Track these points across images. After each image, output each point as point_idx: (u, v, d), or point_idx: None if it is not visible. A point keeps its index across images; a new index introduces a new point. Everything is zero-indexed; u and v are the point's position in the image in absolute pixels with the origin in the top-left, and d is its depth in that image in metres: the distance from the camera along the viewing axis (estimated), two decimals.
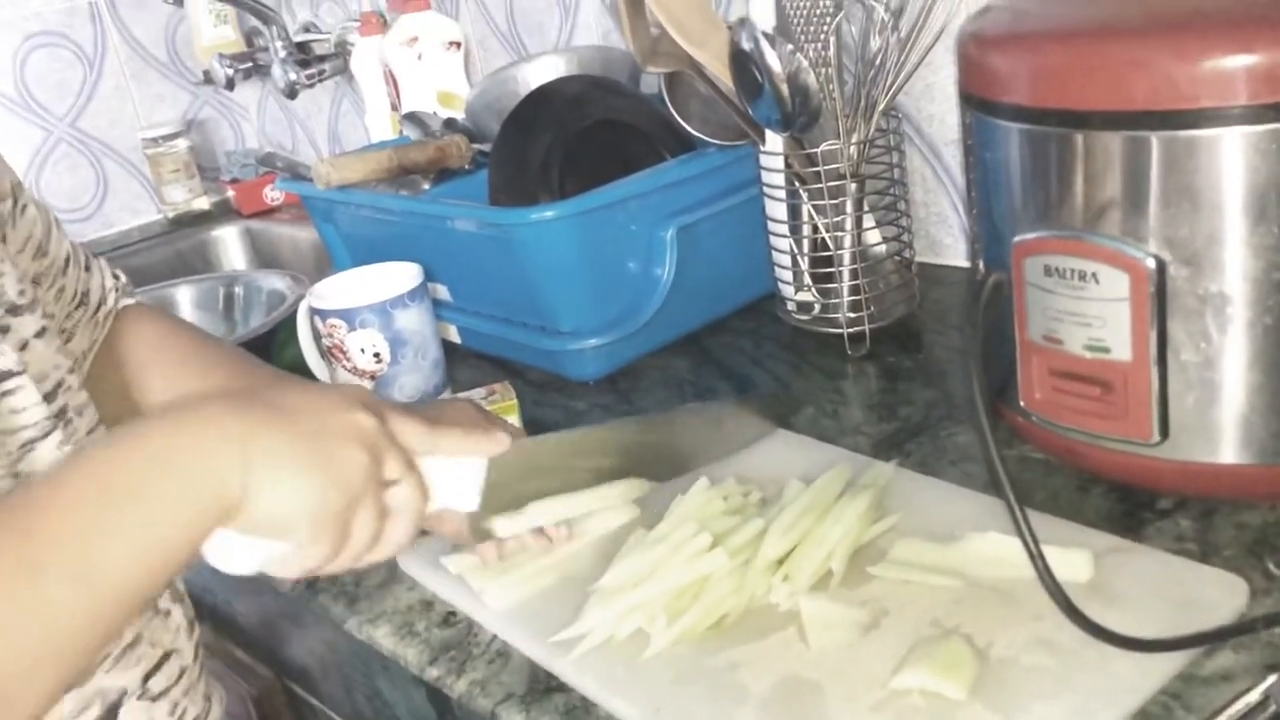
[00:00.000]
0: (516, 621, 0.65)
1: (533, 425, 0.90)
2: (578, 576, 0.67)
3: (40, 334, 0.59)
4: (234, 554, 0.52)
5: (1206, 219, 0.58)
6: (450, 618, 0.68)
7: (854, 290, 0.91)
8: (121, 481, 0.47)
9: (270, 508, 0.50)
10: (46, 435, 0.57)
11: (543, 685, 0.61)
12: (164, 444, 0.49)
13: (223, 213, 1.84)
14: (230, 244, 1.80)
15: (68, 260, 0.70)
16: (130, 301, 0.75)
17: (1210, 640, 0.54)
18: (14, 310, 0.57)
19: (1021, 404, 0.68)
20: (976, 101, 0.66)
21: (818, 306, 0.94)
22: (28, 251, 0.66)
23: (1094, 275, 0.61)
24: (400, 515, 0.55)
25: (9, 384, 0.55)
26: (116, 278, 0.75)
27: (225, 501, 0.49)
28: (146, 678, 0.61)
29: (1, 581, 0.43)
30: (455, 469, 0.59)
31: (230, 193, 1.82)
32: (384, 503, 0.54)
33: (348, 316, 0.91)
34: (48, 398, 0.57)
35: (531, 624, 0.64)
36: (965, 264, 1.06)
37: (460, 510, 0.61)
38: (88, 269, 0.71)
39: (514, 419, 0.87)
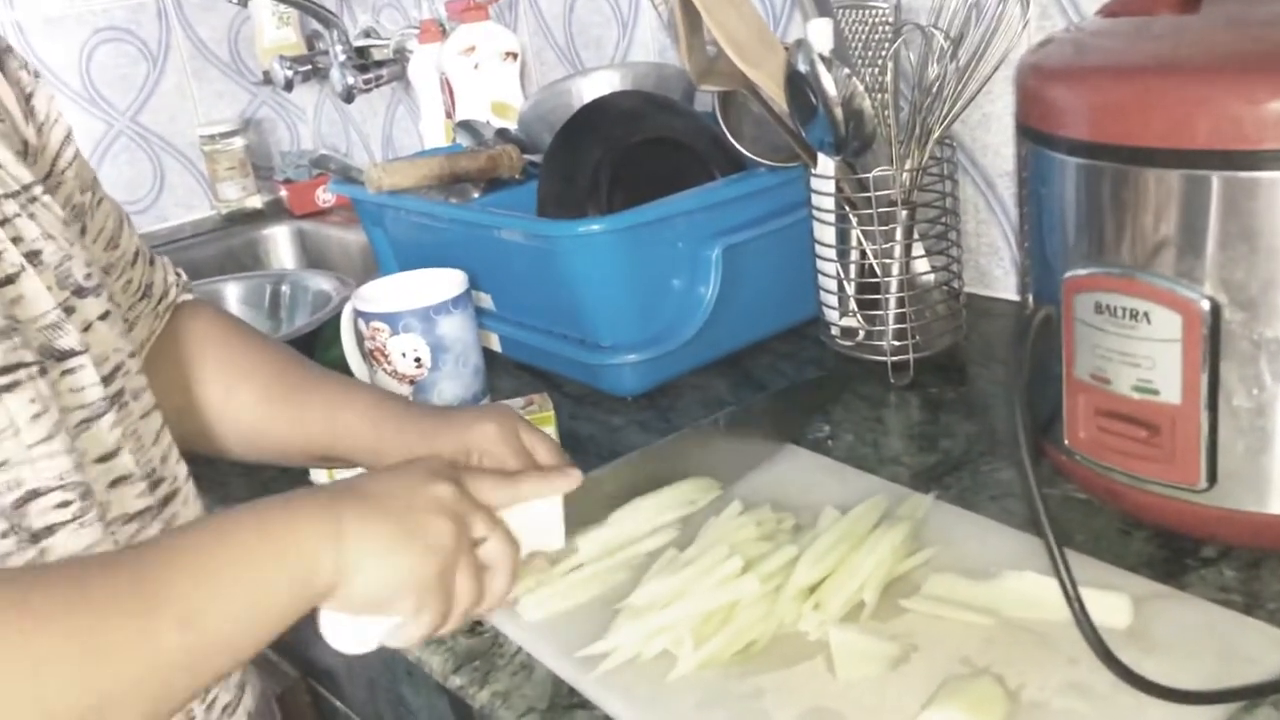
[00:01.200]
0: (543, 635, 0.65)
1: (569, 439, 0.90)
2: (612, 593, 0.66)
3: (104, 317, 0.60)
4: (348, 634, 0.55)
5: (1265, 262, 0.56)
6: (477, 627, 0.68)
7: (900, 319, 0.90)
8: (228, 546, 0.50)
9: (367, 587, 0.53)
10: (101, 415, 0.58)
11: (565, 701, 0.61)
12: (266, 520, 0.52)
13: (275, 212, 1.87)
14: (281, 243, 1.82)
15: (136, 254, 0.72)
16: (189, 297, 0.77)
17: (1251, 695, 0.53)
18: (79, 292, 0.59)
19: (1066, 442, 0.67)
20: (1034, 134, 0.65)
21: (862, 333, 0.93)
22: (100, 242, 0.68)
23: (1146, 315, 0.59)
24: (496, 568, 0.58)
25: (71, 363, 0.57)
26: (178, 274, 0.77)
27: (319, 582, 0.52)
28: None
29: (117, 611, 0.46)
30: (535, 513, 0.62)
31: (283, 192, 1.84)
32: (479, 560, 0.57)
33: (391, 320, 0.91)
34: (106, 380, 0.59)
35: (558, 638, 0.64)
36: (1015, 297, 1.05)
37: (549, 549, 0.64)
38: (152, 263, 0.74)
39: (550, 430, 0.87)
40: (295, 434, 0.73)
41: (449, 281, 0.94)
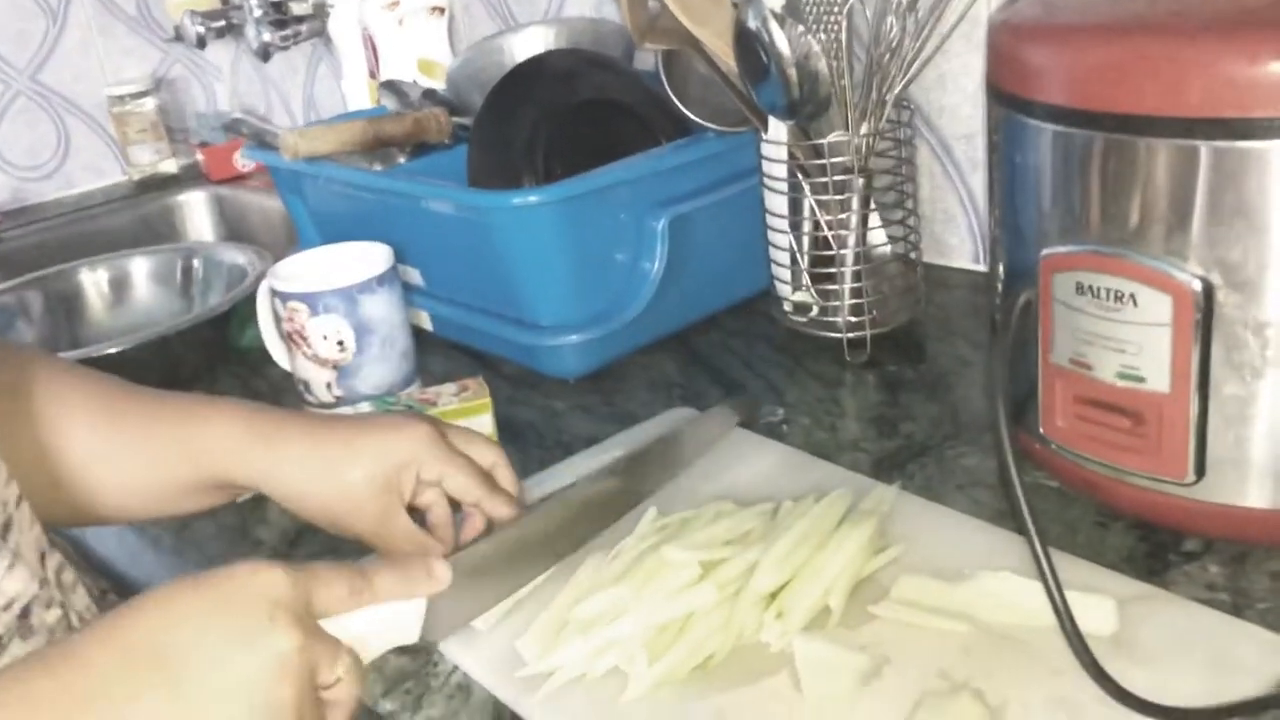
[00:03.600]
0: (481, 652, 0.59)
1: (507, 425, 0.84)
2: (555, 602, 0.61)
3: None
4: None
5: (1261, 240, 0.52)
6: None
7: (855, 293, 0.85)
8: None
9: None
10: None
11: None
12: None
13: (191, 177, 1.76)
14: (197, 210, 1.73)
15: None
16: None
17: (1250, 711, 0.49)
18: None
19: (1041, 431, 0.62)
20: (1007, 98, 0.60)
21: (816, 308, 0.88)
22: None
23: (1132, 296, 0.55)
24: (337, 706, 0.47)
25: None
26: None
27: None
28: None
29: None
30: (393, 611, 0.51)
31: (199, 156, 1.74)
32: (319, 699, 0.46)
33: (310, 300, 0.84)
34: None
35: (497, 656, 0.58)
36: (972, 266, 1.01)
37: (399, 644, 0.53)
38: None
39: (487, 418, 0.81)
40: (146, 469, 0.61)
41: (373, 257, 0.87)
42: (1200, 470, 0.56)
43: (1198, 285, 0.53)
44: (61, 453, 0.61)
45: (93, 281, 1.12)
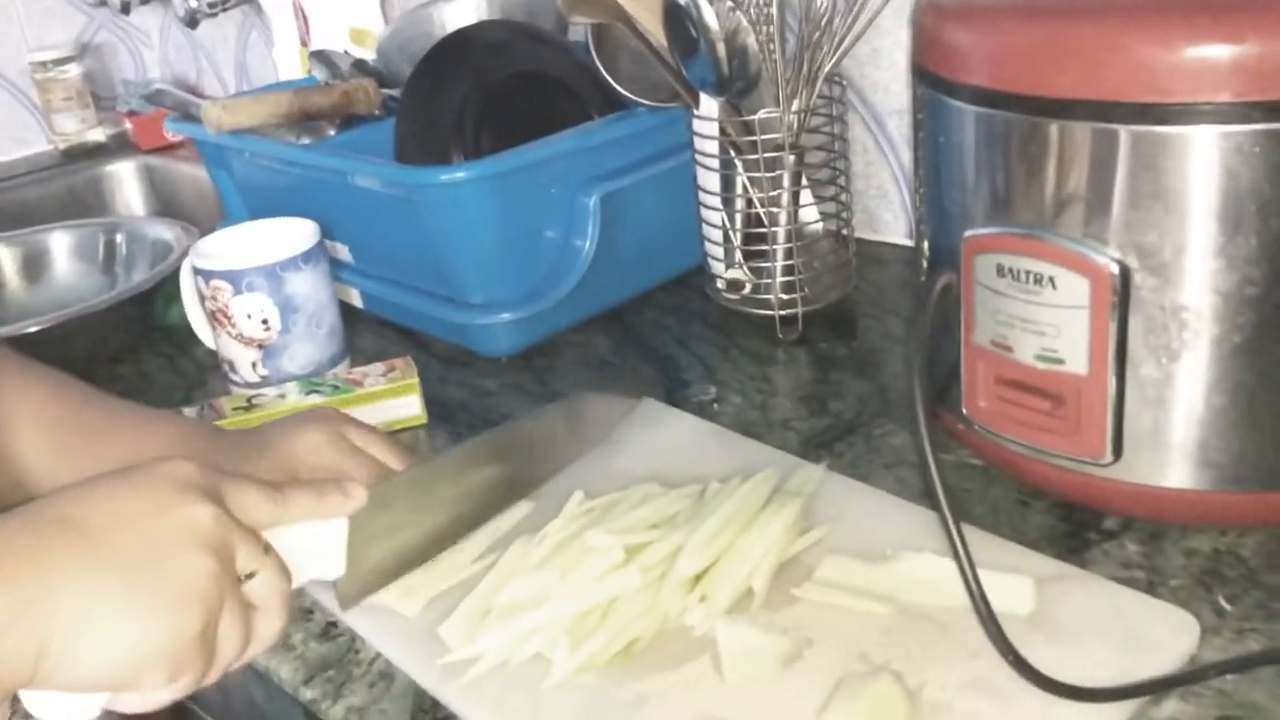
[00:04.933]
0: (402, 638, 0.59)
1: (438, 405, 0.83)
2: (478, 588, 0.60)
3: None
4: (63, 708, 0.43)
5: (1177, 225, 0.52)
6: (331, 629, 0.61)
7: (787, 270, 0.85)
8: None
9: (99, 667, 0.41)
10: None
11: (428, 716, 0.55)
12: None
13: (120, 146, 1.72)
14: (127, 181, 1.68)
15: None
16: None
17: (1159, 689, 0.50)
18: None
19: (964, 411, 0.62)
20: (931, 79, 0.60)
21: (749, 286, 0.88)
22: None
23: (1051, 279, 0.55)
24: (266, 610, 0.47)
25: None
26: None
27: (16, 676, 0.39)
28: None
29: None
30: (314, 535, 0.51)
31: (128, 125, 1.69)
32: (245, 598, 0.46)
33: (233, 279, 0.82)
34: None
35: (420, 642, 0.58)
36: (905, 242, 1.01)
37: (327, 578, 0.54)
38: None
39: (414, 399, 0.80)
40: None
41: (298, 234, 0.85)
42: (1118, 451, 0.57)
43: (1115, 269, 0.53)
44: (16, 457, 0.61)
45: (9, 258, 1.08)
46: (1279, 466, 0.55)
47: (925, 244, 0.65)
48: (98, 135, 1.72)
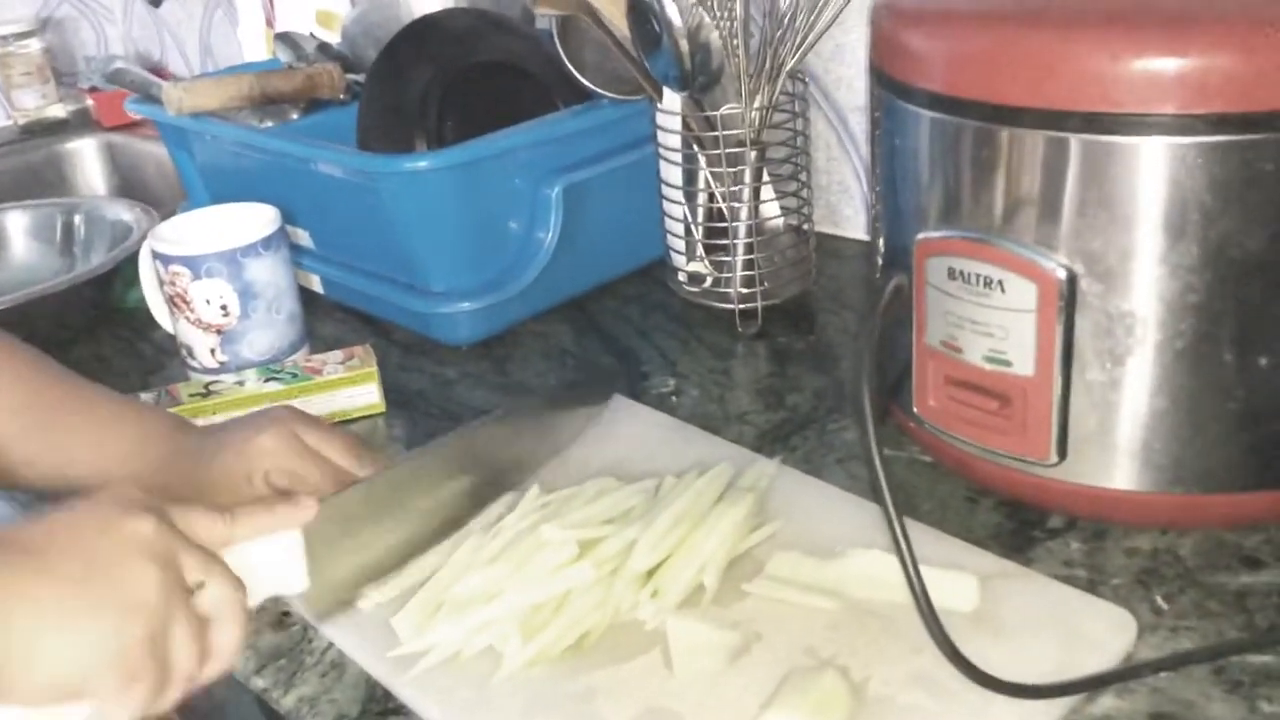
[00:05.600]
0: (353, 629, 0.59)
1: (397, 392, 0.83)
2: (431, 581, 0.61)
3: None
4: None
5: (1123, 232, 0.53)
6: (284, 619, 0.61)
7: (748, 264, 0.86)
8: None
9: (47, 676, 0.42)
10: None
11: (379, 706, 0.55)
12: None
13: (82, 123, 1.70)
14: (88, 159, 1.66)
15: None
16: None
17: (1096, 685, 0.51)
18: None
19: (915, 410, 0.63)
20: (887, 81, 0.61)
21: (709, 279, 0.89)
22: None
23: (1000, 283, 0.56)
24: (221, 620, 0.48)
25: None
26: None
27: None
28: None
29: None
30: (270, 550, 0.52)
31: (90, 102, 1.67)
32: (197, 612, 0.47)
33: (192, 264, 0.82)
34: None
35: (372, 634, 0.58)
36: (865, 237, 1.02)
37: (290, 592, 0.54)
38: None
39: (373, 387, 0.80)
40: (54, 465, 0.63)
41: (258, 219, 0.85)
42: (1062, 451, 0.58)
43: (1062, 274, 0.54)
44: None
45: None
46: (1217, 469, 0.57)
47: (880, 242, 0.66)
48: (58, 111, 1.70)
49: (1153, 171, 0.52)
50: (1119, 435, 0.57)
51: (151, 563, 0.45)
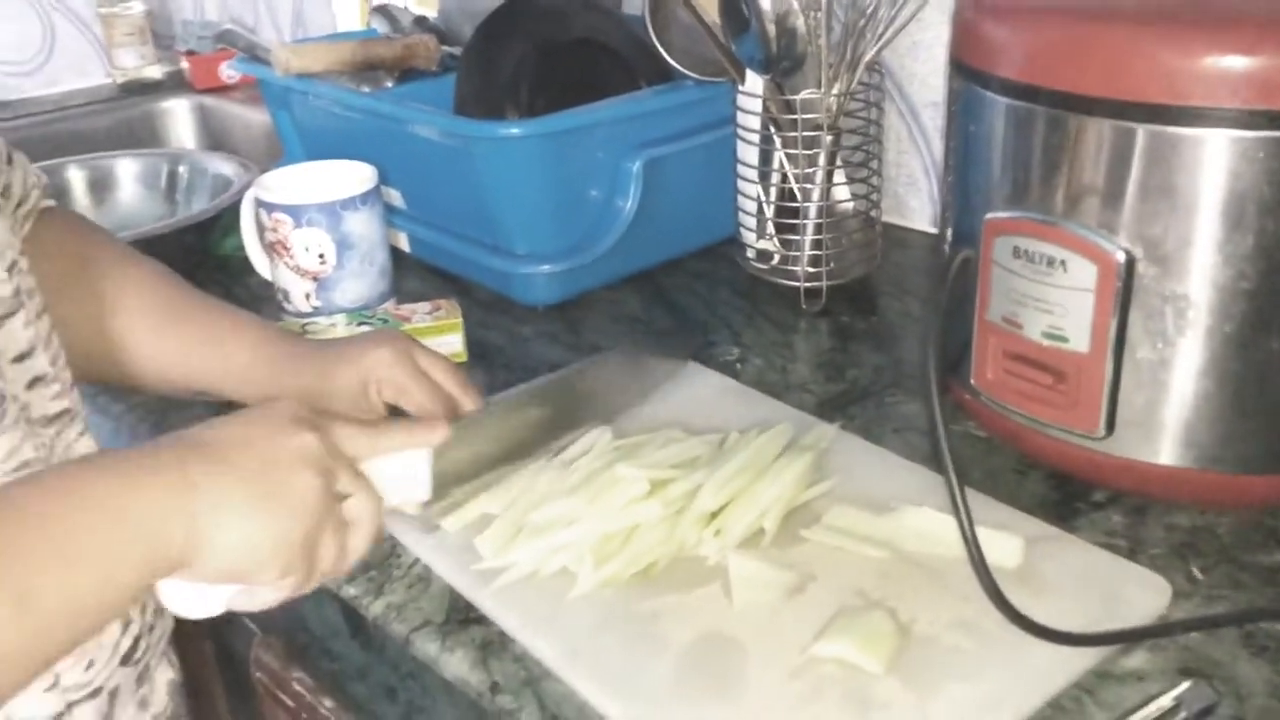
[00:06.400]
0: (439, 547, 0.64)
1: (476, 346, 0.88)
2: (512, 508, 0.65)
3: None
4: (193, 601, 0.50)
5: (1182, 220, 0.57)
6: None
7: (816, 245, 0.90)
8: (60, 516, 0.44)
9: (225, 558, 0.48)
10: (14, 314, 0.55)
11: (461, 615, 0.60)
12: (114, 487, 0.46)
13: (175, 84, 1.77)
14: (180, 118, 1.73)
15: None
16: (50, 203, 0.70)
17: (1129, 639, 0.55)
18: None
19: (972, 382, 0.67)
20: (967, 70, 0.65)
21: (777, 257, 0.93)
22: None
23: (1063, 263, 0.60)
24: (359, 526, 0.54)
25: None
26: (39, 177, 0.69)
27: (168, 557, 0.46)
28: None
29: None
30: (401, 465, 0.58)
31: (185, 64, 1.74)
32: (341, 517, 0.53)
33: (294, 213, 0.87)
34: (10, 271, 0.55)
35: (456, 551, 0.63)
36: (930, 229, 1.05)
37: (415, 502, 0.61)
38: (10, 162, 0.65)
39: (457, 338, 0.85)
40: (178, 366, 0.69)
41: (358, 176, 0.90)
42: (1111, 426, 0.61)
43: (1122, 256, 0.58)
44: (115, 331, 0.68)
45: (80, 179, 1.14)
46: (1258, 451, 0.60)
47: (949, 225, 0.70)
48: (155, 72, 1.78)
49: (1214, 163, 0.55)
50: (1165, 413, 0.60)
51: (315, 474, 0.50)
